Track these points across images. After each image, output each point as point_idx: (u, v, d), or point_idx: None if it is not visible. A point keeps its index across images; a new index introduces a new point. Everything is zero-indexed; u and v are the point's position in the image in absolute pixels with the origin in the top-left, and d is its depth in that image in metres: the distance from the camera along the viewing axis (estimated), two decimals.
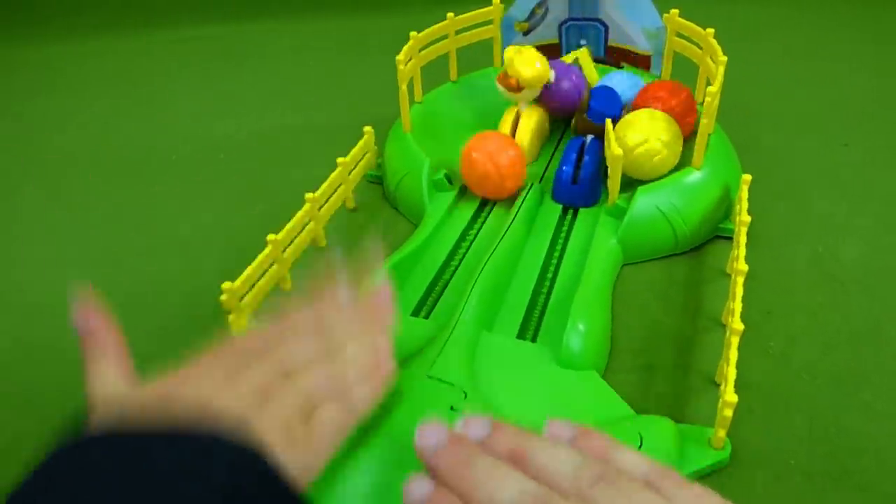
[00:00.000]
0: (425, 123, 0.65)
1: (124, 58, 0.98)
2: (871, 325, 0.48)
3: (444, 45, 0.66)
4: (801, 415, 0.42)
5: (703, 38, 0.57)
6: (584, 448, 0.27)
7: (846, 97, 0.75)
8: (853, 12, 0.95)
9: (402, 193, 0.60)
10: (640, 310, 0.50)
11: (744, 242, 0.48)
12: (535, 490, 0.24)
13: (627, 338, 0.48)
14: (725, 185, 0.55)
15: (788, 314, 0.49)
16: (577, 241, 0.54)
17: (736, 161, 0.59)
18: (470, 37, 0.67)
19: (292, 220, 0.52)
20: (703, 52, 0.58)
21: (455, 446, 0.27)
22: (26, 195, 0.70)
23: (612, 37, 0.64)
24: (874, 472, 0.39)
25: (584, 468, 0.25)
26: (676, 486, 0.25)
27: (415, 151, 0.60)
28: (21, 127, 0.82)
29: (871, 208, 0.58)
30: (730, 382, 0.39)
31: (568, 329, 0.43)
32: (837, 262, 0.53)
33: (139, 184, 0.70)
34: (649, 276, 0.53)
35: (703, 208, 0.53)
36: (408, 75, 0.61)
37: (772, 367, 0.45)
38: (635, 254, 0.53)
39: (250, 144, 0.75)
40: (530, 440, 0.27)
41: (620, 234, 0.52)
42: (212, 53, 0.98)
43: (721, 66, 0.52)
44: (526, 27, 0.67)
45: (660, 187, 0.53)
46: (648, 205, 0.52)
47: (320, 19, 1.05)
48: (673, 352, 0.47)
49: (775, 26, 0.93)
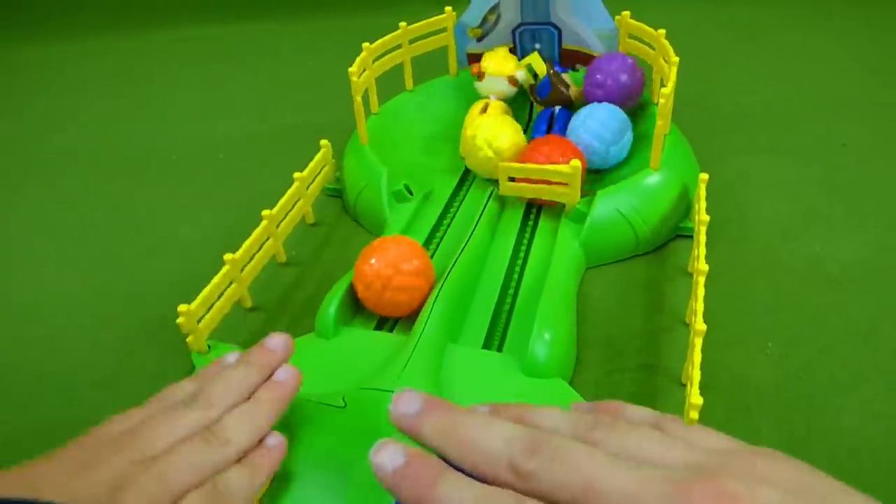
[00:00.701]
0: (383, 134, 0.64)
1: (124, 58, 0.98)
2: (870, 326, 0.48)
3: (399, 55, 0.65)
4: (800, 415, 0.42)
5: (655, 39, 0.57)
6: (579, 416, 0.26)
7: (845, 97, 0.75)
8: (845, 11, 0.95)
9: (362, 206, 0.60)
10: (605, 313, 0.50)
11: (703, 241, 0.48)
12: (526, 433, 0.23)
13: (594, 342, 0.48)
14: (684, 184, 0.55)
15: (787, 314, 0.49)
16: (539, 245, 0.53)
17: (693, 160, 0.60)
18: (424, 45, 0.67)
19: (249, 238, 0.51)
20: (657, 52, 0.58)
21: (437, 407, 0.25)
22: (26, 195, 0.70)
23: (566, 40, 0.64)
24: (873, 473, 0.39)
25: (581, 420, 0.25)
26: (677, 425, 0.24)
27: (373, 163, 0.59)
28: (21, 127, 0.82)
29: (869, 208, 0.58)
30: (695, 384, 0.38)
31: (533, 338, 0.43)
32: (836, 262, 0.53)
33: (139, 184, 0.70)
34: (612, 278, 0.53)
35: (663, 209, 0.53)
36: (362, 86, 0.60)
37: (770, 367, 0.45)
38: (598, 257, 0.53)
39: (250, 145, 0.75)
40: (528, 408, 0.26)
41: (582, 238, 0.52)
42: (212, 53, 0.98)
43: (673, 67, 0.53)
44: (479, 33, 0.66)
45: (619, 190, 0.53)
46: (609, 208, 0.52)
47: (321, 19, 1.05)
48: (639, 353, 0.47)
49: (773, 27, 0.93)
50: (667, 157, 0.54)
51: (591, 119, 0.56)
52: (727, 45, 0.76)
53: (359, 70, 0.59)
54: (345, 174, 0.63)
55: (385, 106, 0.67)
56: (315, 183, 0.61)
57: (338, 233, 0.61)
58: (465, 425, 0.24)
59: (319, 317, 0.47)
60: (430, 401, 0.25)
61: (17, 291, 0.57)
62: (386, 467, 0.23)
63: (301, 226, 0.61)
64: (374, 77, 0.63)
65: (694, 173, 0.55)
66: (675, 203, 0.54)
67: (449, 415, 0.24)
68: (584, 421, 0.25)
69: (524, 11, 0.63)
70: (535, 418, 0.25)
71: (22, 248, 0.62)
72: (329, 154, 0.63)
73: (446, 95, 0.70)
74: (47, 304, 0.55)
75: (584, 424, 0.24)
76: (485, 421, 0.24)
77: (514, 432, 0.23)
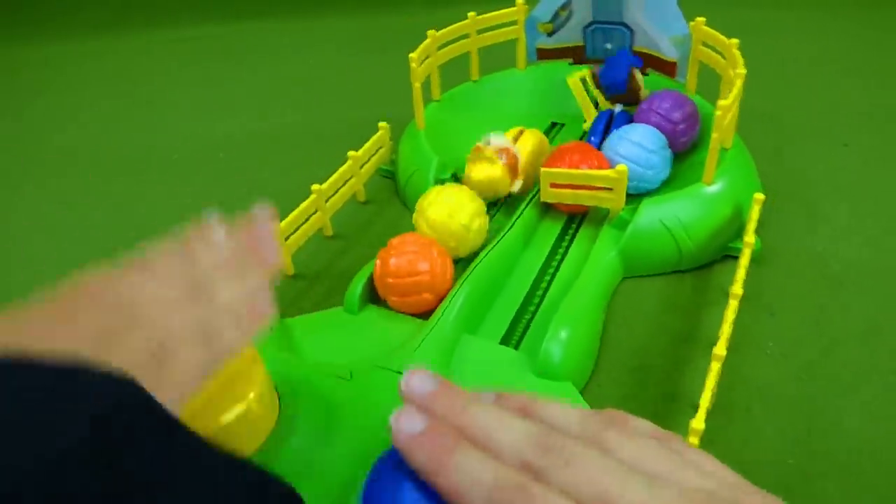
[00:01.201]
0: (441, 122, 0.65)
1: (124, 57, 0.98)
2: (871, 326, 0.47)
3: (465, 45, 0.66)
4: (800, 415, 0.42)
5: (727, 49, 0.55)
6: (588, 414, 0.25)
7: (845, 98, 0.73)
8: (847, 12, 0.92)
9: (412, 190, 0.61)
10: (634, 325, 0.49)
11: (745, 265, 0.47)
12: (540, 430, 0.22)
13: (616, 353, 0.47)
14: (738, 203, 0.53)
15: (788, 314, 0.49)
16: (576, 252, 0.53)
17: (755, 179, 0.57)
18: (493, 37, 0.67)
19: (296, 209, 0.53)
20: (727, 62, 0.56)
21: (449, 390, 0.24)
22: (26, 195, 0.69)
23: (638, 41, 0.63)
24: (873, 473, 0.39)
25: (591, 419, 0.24)
26: (684, 446, 0.24)
27: (424, 149, 0.60)
28: (21, 127, 0.82)
29: (870, 208, 0.58)
30: (702, 408, 0.37)
31: (549, 335, 0.43)
32: (837, 263, 0.52)
33: (139, 183, 0.70)
34: (649, 291, 0.51)
35: (711, 225, 0.51)
36: (423, 73, 0.61)
37: (771, 368, 0.45)
38: (636, 267, 0.52)
39: (250, 144, 0.75)
40: (536, 400, 0.25)
41: (621, 247, 0.51)
42: (212, 53, 0.98)
43: (738, 80, 0.50)
44: (550, 28, 0.66)
45: (666, 200, 0.51)
46: (652, 218, 0.51)
47: (321, 18, 1.05)
48: (660, 372, 0.45)
49: (773, 28, 0.90)
50: (725, 173, 0.52)
51: (627, 139, 0.54)
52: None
53: (420, 57, 0.60)
54: (399, 157, 0.64)
55: (447, 94, 0.68)
56: (370, 163, 0.63)
57: (386, 213, 0.63)
58: (477, 415, 0.23)
59: (347, 293, 0.49)
60: (444, 383, 0.25)
61: (17, 291, 0.57)
62: (404, 430, 0.23)
63: (352, 203, 0.63)
64: (436, 65, 0.64)
65: (752, 192, 0.52)
66: (727, 221, 0.52)
67: (461, 400, 0.24)
68: (596, 419, 0.24)
69: (596, 9, 0.62)
70: (544, 412, 0.24)
71: (22, 248, 0.62)
72: (386, 136, 0.65)
73: (511, 89, 0.70)
74: None
75: (596, 423, 0.24)
76: (498, 413, 0.23)
77: (528, 429, 0.23)
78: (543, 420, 0.24)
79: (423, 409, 0.23)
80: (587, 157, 0.53)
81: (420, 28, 0.63)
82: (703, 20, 0.58)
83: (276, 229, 0.34)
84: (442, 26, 0.64)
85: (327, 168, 0.59)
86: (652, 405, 0.43)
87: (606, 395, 0.44)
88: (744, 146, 0.58)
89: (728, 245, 0.53)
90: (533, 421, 0.23)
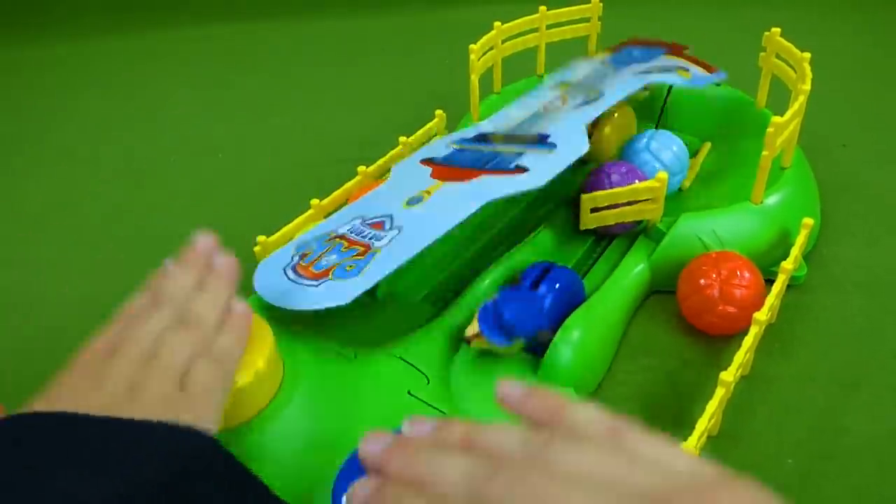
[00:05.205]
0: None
1: (125, 58, 0.97)
2: (871, 326, 0.48)
3: (533, 38, 0.65)
4: (801, 415, 0.43)
5: (798, 63, 0.52)
6: (535, 408, 0.26)
7: (844, 98, 0.73)
8: (845, 13, 0.91)
9: None
10: (655, 340, 0.48)
11: (777, 292, 0.44)
12: (483, 464, 0.24)
13: (630, 364, 0.46)
14: (785, 226, 0.50)
15: (789, 315, 0.49)
16: (605, 264, 0.52)
17: (815, 204, 0.54)
18: (563, 32, 0.66)
19: (339, 189, 0.56)
20: (797, 76, 0.52)
21: (402, 444, 0.26)
22: (26, 195, 0.69)
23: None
24: (873, 473, 0.39)
25: (532, 438, 0.24)
26: (638, 439, 0.23)
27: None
28: (21, 127, 0.81)
29: (870, 208, 0.58)
30: (696, 433, 0.36)
31: (560, 335, 0.43)
32: (838, 263, 0.53)
33: (139, 184, 0.70)
34: (676, 309, 0.50)
35: (752, 246, 0.49)
36: (482, 67, 0.62)
37: (772, 368, 0.45)
38: (667, 281, 0.50)
39: (250, 144, 0.75)
40: (477, 427, 0.26)
41: (653, 258, 0.50)
42: (213, 53, 0.97)
43: (801, 96, 0.47)
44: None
45: (706, 216, 0.49)
46: (689, 232, 0.49)
47: (321, 19, 1.04)
48: (672, 395, 0.45)
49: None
50: (778, 192, 0.50)
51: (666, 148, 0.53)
52: (730, 45, 0.69)
53: (481, 49, 0.61)
54: None
55: (508, 87, 0.68)
56: None
57: None
58: (422, 464, 0.25)
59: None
60: (396, 439, 0.26)
61: (18, 291, 0.57)
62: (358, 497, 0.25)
63: None
64: (500, 57, 0.64)
65: (804, 216, 0.49)
66: (770, 244, 0.49)
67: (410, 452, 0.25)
68: (538, 438, 0.24)
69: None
70: (485, 441, 0.25)
71: (22, 248, 0.62)
72: (442, 124, 0.66)
73: None
74: (47, 304, 0.55)
75: (539, 440, 0.24)
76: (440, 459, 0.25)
77: (472, 462, 0.24)
78: (486, 448, 0.25)
79: (380, 465, 0.25)
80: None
81: (420, 28, 0.62)
82: (779, 31, 0.55)
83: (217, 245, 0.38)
84: (442, 26, 0.63)
85: (328, 168, 0.59)
86: (658, 419, 0.43)
87: (612, 404, 0.43)
88: (808, 166, 0.54)
89: (770, 269, 0.50)
90: (474, 455, 0.24)
